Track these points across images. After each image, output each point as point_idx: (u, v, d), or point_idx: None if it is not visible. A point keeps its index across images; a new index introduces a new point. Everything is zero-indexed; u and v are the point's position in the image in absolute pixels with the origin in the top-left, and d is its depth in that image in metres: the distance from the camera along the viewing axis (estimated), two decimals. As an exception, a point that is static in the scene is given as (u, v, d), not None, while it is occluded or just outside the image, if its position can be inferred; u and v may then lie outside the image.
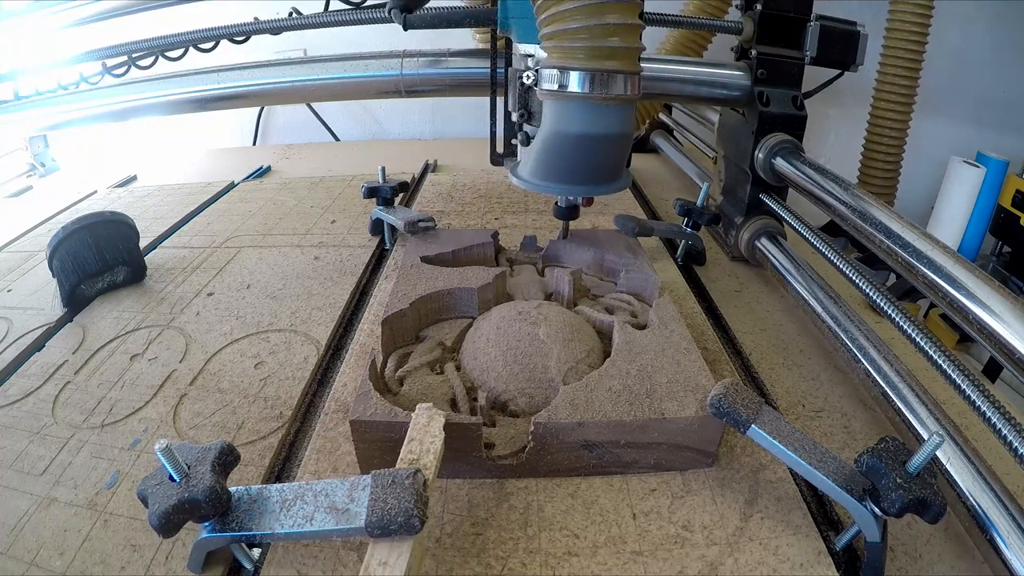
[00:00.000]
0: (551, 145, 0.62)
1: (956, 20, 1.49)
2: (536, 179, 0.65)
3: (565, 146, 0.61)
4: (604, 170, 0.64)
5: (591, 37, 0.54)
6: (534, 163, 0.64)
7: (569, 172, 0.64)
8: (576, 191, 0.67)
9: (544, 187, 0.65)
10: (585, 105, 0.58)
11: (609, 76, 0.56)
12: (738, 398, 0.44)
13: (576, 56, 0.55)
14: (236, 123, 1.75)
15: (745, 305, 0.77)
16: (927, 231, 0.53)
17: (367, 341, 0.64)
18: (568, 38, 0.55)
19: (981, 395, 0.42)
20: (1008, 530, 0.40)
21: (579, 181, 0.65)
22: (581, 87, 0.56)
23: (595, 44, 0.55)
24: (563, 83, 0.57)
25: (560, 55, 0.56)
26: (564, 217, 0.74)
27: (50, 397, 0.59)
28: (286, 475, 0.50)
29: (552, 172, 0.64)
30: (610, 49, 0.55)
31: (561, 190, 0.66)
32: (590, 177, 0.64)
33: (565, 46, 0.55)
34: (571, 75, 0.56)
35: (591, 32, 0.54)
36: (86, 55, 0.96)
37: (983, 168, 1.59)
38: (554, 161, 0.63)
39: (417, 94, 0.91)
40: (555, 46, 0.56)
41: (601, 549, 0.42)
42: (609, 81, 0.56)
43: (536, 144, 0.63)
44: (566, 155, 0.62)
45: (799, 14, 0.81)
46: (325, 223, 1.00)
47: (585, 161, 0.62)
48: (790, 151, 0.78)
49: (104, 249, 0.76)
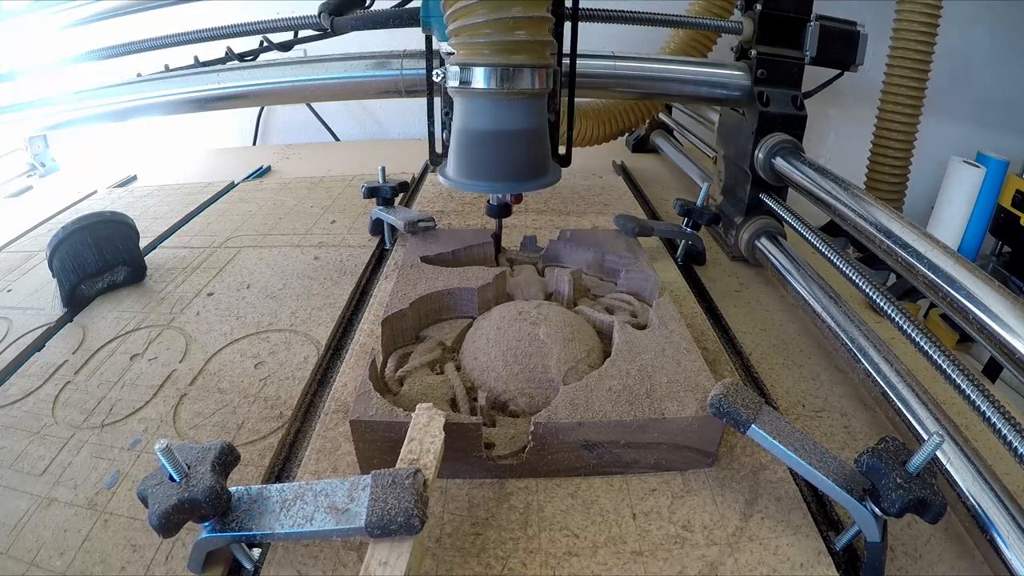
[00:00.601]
0: (462, 141, 0.61)
1: (957, 20, 1.48)
2: (459, 177, 0.64)
3: (476, 142, 0.60)
4: (522, 166, 0.62)
5: (496, 32, 0.54)
6: (453, 160, 0.64)
7: (487, 168, 0.62)
8: (498, 188, 0.65)
9: (466, 185, 0.64)
10: (490, 101, 0.57)
11: (515, 71, 0.55)
12: (738, 398, 0.44)
13: (482, 52, 0.55)
14: (236, 123, 1.75)
15: (745, 305, 0.77)
16: (927, 231, 0.53)
17: (367, 341, 0.64)
18: (473, 34, 0.54)
19: (981, 395, 0.42)
20: (1008, 530, 0.40)
21: (500, 178, 0.63)
22: (486, 83, 0.56)
23: (500, 39, 0.54)
24: (466, 79, 0.56)
25: (466, 52, 0.56)
26: (497, 215, 0.72)
27: (50, 397, 0.59)
28: (286, 475, 0.50)
29: (471, 169, 0.63)
30: (516, 43, 0.54)
31: (483, 187, 0.64)
32: (509, 173, 0.63)
33: (471, 42, 0.55)
34: (474, 71, 0.56)
35: (495, 27, 0.53)
36: (86, 55, 0.96)
37: (983, 168, 1.59)
38: (470, 158, 0.62)
39: (417, 94, 0.91)
40: (461, 42, 0.56)
41: (601, 549, 0.42)
42: (514, 75, 0.55)
43: (452, 140, 0.63)
44: (479, 151, 0.61)
45: (799, 14, 0.81)
46: (325, 223, 1.00)
47: (499, 157, 0.61)
48: (790, 151, 0.78)
49: (104, 249, 0.76)
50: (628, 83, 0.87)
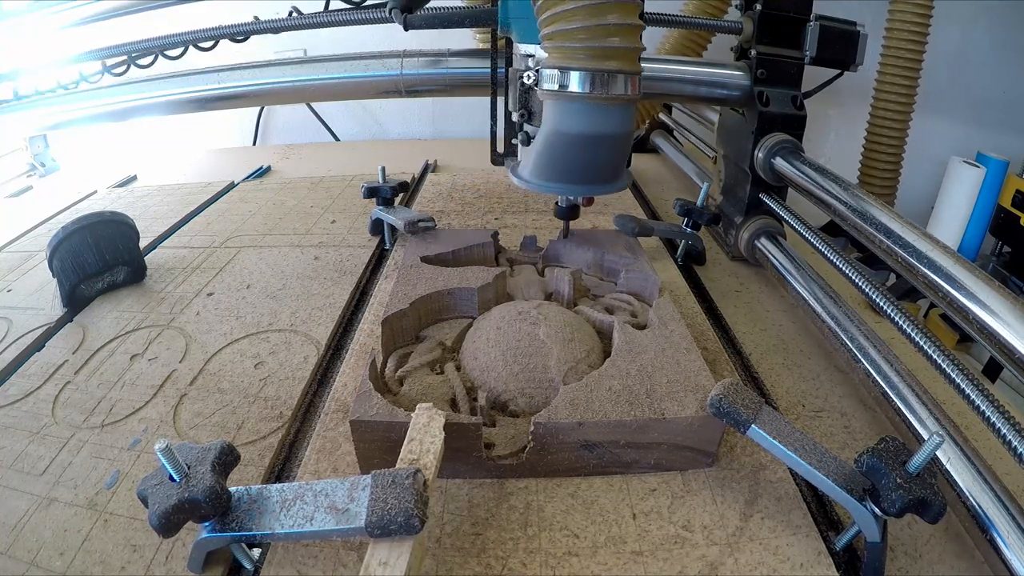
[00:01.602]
0: (552, 145, 0.62)
1: (956, 20, 1.49)
2: (537, 179, 0.65)
3: (566, 146, 0.61)
4: (604, 170, 0.64)
5: (591, 37, 0.54)
6: (534, 163, 0.65)
7: (569, 172, 0.64)
8: (577, 191, 0.67)
9: (545, 187, 0.65)
10: (585, 105, 0.58)
11: (610, 76, 0.56)
12: (738, 398, 0.44)
13: (576, 56, 0.56)
14: (236, 123, 1.75)
15: (745, 305, 0.77)
16: (927, 231, 0.53)
17: (367, 341, 0.64)
18: (568, 38, 0.55)
19: (981, 395, 0.42)
20: (1008, 530, 0.40)
21: (579, 181, 0.65)
22: (581, 87, 0.56)
23: (595, 44, 0.55)
24: (564, 83, 0.57)
25: (561, 55, 0.56)
26: (565, 217, 0.74)
27: (50, 397, 0.59)
28: (286, 475, 0.50)
29: (553, 172, 0.64)
30: (610, 49, 0.55)
31: (562, 190, 0.66)
32: (590, 177, 0.65)
33: (566, 46, 0.56)
34: (571, 75, 0.56)
35: (591, 32, 0.54)
36: (86, 55, 0.96)
37: (983, 168, 1.59)
38: (555, 161, 0.63)
39: (417, 94, 0.91)
40: (555, 46, 0.56)
41: (601, 549, 0.42)
42: (609, 81, 0.56)
43: (537, 144, 0.64)
44: (567, 155, 0.62)
45: (799, 14, 0.81)
46: (325, 223, 1.00)
47: (585, 161, 0.63)
48: (790, 151, 0.78)
49: (104, 249, 0.76)
50: (628, 83, 0.87)
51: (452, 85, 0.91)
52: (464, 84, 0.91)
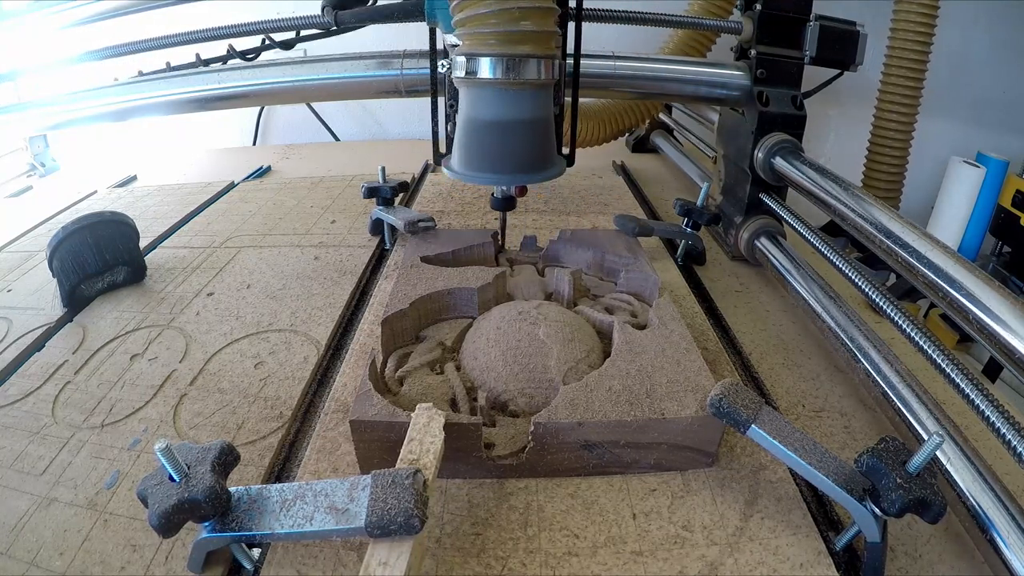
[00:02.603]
0: (468, 132, 0.61)
1: (956, 21, 1.49)
2: (464, 169, 0.64)
3: (481, 133, 0.60)
4: (527, 157, 0.62)
5: (501, 22, 0.54)
6: (458, 152, 0.64)
7: (491, 160, 0.62)
8: (503, 180, 0.65)
9: (471, 177, 0.63)
10: (497, 91, 0.57)
11: (521, 60, 0.55)
12: (738, 398, 0.44)
13: (487, 42, 0.55)
14: (236, 123, 1.75)
15: (745, 305, 0.77)
16: (927, 231, 0.53)
17: (367, 341, 0.64)
18: (478, 24, 0.54)
19: (981, 395, 0.42)
20: (1008, 530, 0.40)
21: (505, 169, 0.63)
22: (492, 73, 0.56)
23: (506, 29, 0.54)
24: (472, 69, 0.56)
25: (473, 41, 0.56)
26: (500, 208, 0.72)
27: (50, 397, 0.59)
28: (286, 475, 0.50)
29: (476, 161, 0.62)
30: (521, 33, 0.54)
31: (488, 180, 0.64)
32: (514, 165, 0.62)
33: (476, 32, 0.55)
34: (480, 61, 0.56)
35: (501, 17, 0.54)
36: (86, 55, 0.96)
37: (983, 168, 1.60)
38: (474, 149, 0.62)
39: (417, 94, 0.91)
40: (467, 32, 0.56)
41: (601, 549, 0.42)
42: (520, 66, 0.55)
43: (457, 132, 0.63)
44: (484, 142, 0.61)
45: (798, 14, 0.81)
46: (325, 223, 1.00)
47: (506, 148, 0.61)
48: (789, 151, 0.78)
49: (104, 249, 0.76)
50: (628, 83, 0.87)
51: (452, 85, 0.91)
52: (464, 84, 0.90)
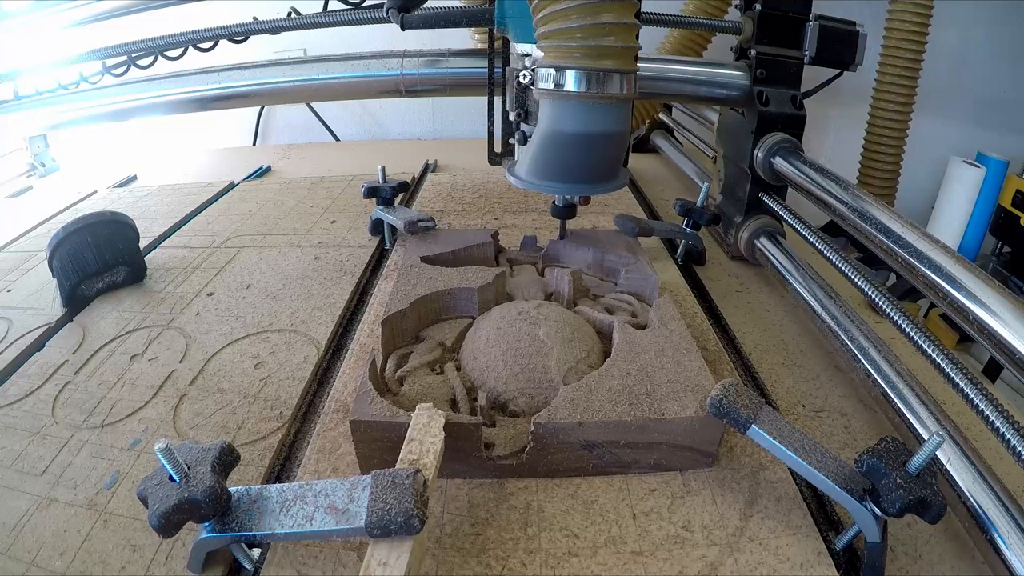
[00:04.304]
0: (548, 144, 0.62)
1: (955, 20, 1.49)
2: (533, 178, 0.65)
3: (562, 145, 0.61)
4: (601, 169, 0.64)
5: (587, 36, 0.54)
6: (531, 162, 0.64)
7: (566, 171, 0.64)
8: (573, 190, 0.66)
9: (541, 186, 0.65)
10: (581, 104, 0.58)
11: (605, 75, 0.56)
12: (738, 398, 0.44)
13: (572, 55, 0.55)
14: (236, 123, 1.75)
15: (745, 305, 0.77)
16: (927, 231, 0.53)
17: (367, 341, 0.64)
18: (564, 37, 0.55)
19: (981, 395, 0.42)
20: (1008, 530, 0.40)
21: (576, 180, 0.65)
22: (577, 86, 0.56)
23: (591, 43, 0.55)
24: (559, 82, 0.57)
25: (557, 54, 0.56)
26: (562, 216, 0.74)
27: (50, 397, 0.59)
28: (286, 475, 0.50)
29: (549, 171, 0.64)
30: (606, 48, 0.55)
31: (558, 189, 0.66)
32: (587, 176, 0.64)
33: (561, 45, 0.55)
34: (567, 74, 0.56)
35: (587, 31, 0.54)
36: (86, 55, 0.96)
37: (983, 168, 1.59)
38: (551, 160, 0.63)
39: (417, 94, 0.91)
40: (551, 45, 0.56)
41: (601, 549, 0.42)
42: (605, 80, 0.56)
43: (533, 143, 0.63)
44: (563, 154, 0.62)
45: (798, 14, 0.81)
46: (325, 223, 1.00)
47: (582, 160, 0.62)
48: (789, 150, 0.78)
49: (104, 249, 0.76)
50: (628, 83, 0.87)
51: (452, 85, 0.91)
52: (464, 84, 0.91)
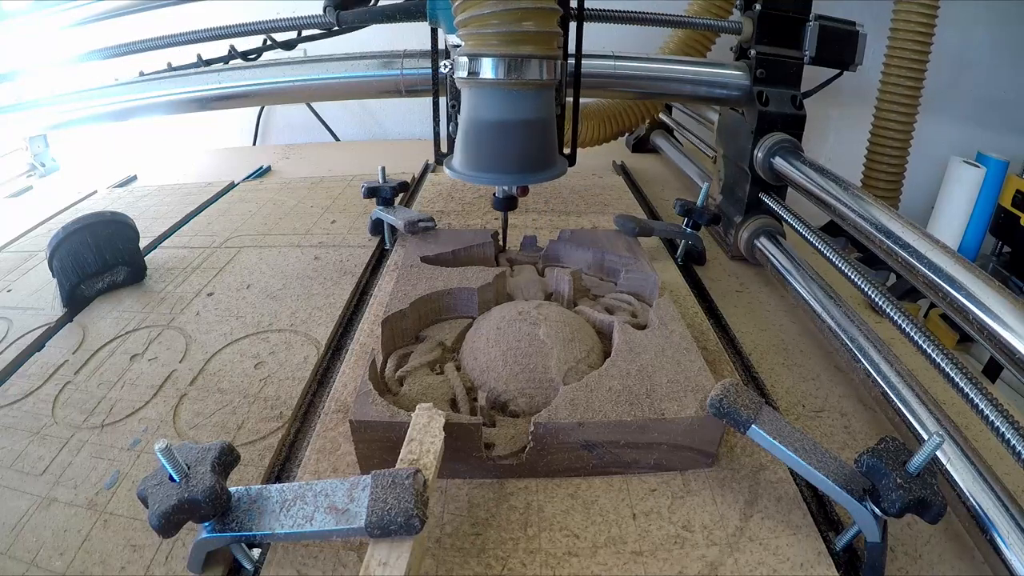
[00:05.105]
0: (470, 132, 0.61)
1: (956, 21, 1.49)
2: (465, 169, 0.64)
3: (483, 133, 0.60)
4: (529, 157, 0.62)
5: (503, 22, 0.54)
6: (460, 152, 0.64)
7: (494, 160, 0.62)
8: (504, 180, 0.65)
9: (473, 177, 0.64)
10: (499, 91, 0.57)
11: (523, 61, 0.55)
12: (738, 398, 0.44)
13: (490, 42, 0.55)
14: (236, 123, 1.75)
15: (745, 305, 0.77)
16: (927, 231, 0.53)
17: (367, 341, 0.64)
18: (481, 24, 0.54)
19: (981, 395, 0.42)
20: (1008, 530, 0.40)
21: (507, 169, 0.63)
22: (494, 73, 0.56)
23: (508, 29, 0.54)
24: (475, 70, 0.56)
25: (475, 42, 0.56)
26: (502, 208, 0.72)
27: (50, 397, 0.59)
28: (286, 475, 0.50)
29: (478, 161, 0.63)
30: (523, 34, 0.54)
31: (490, 180, 0.64)
32: (516, 165, 0.62)
33: (479, 32, 0.55)
34: (483, 61, 0.56)
35: (503, 17, 0.54)
36: (88, 55, 0.96)
37: (983, 168, 1.59)
38: (477, 149, 0.62)
39: (417, 94, 0.91)
40: (470, 33, 0.56)
41: (601, 549, 0.42)
42: (523, 66, 0.56)
43: (459, 133, 0.63)
44: (486, 142, 0.61)
45: (798, 14, 0.81)
46: (325, 223, 1.00)
47: (508, 148, 0.61)
48: (789, 150, 0.78)
49: (104, 249, 0.76)
50: (628, 83, 0.87)
51: (452, 85, 0.91)
52: (464, 84, 0.90)
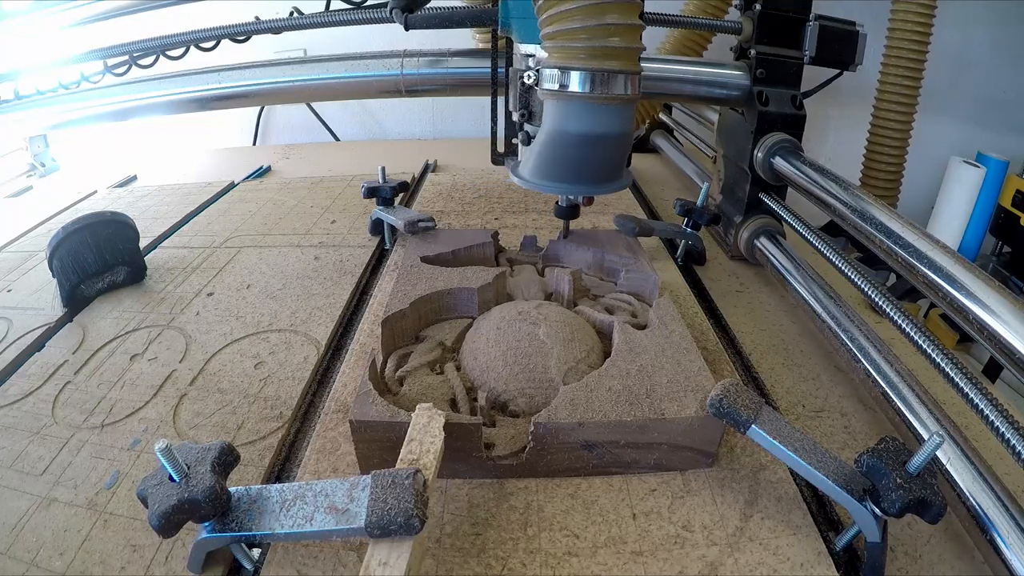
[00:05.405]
0: (552, 144, 0.62)
1: (956, 20, 1.49)
2: (537, 178, 0.65)
3: (566, 145, 0.61)
4: (605, 169, 0.64)
5: (591, 37, 0.55)
6: (535, 162, 0.65)
7: (570, 171, 0.64)
8: (577, 190, 0.67)
9: (545, 186, 0.65)
10: (585, 105, 0.58)
11: (610, 76, 0.56)
12: (738, 398, 0.44)
13: (577, 56, 0.56)
14: (236, 123, 1.75)
15: (745, 305, 0.77)
16: (927, 231, 0.53)
17: (367, 341, 0.64)
18: (569, 38, 0.55)
19: (981, 395, 0.42)
20: (1008, 530, 0.40)
21: (580, 180, 0.65)
22: (582, 87, 0.56)
23: (596, 44, 0.55)
24: (564, 83, 0.57)
25: (561, 55, 0.56)
26: (565, 216, 0.74)
27: (50, 397, 0.59)
28: (286, 475, 0.50)
29: (553, 171, 0.64)
30: (611, 49, 0.55)
31: (562, 189, 0.66)
32: (590, 176, 0.65)
33: (566, 46, 0.56)
34: (572, 75, 0.56)
35: (592, 32, 0.54)
36: (87, 55, 0.96)
37: (983, 168, 1.59)
38: (555, 160, 0.63)
39: (417, 94, 0.91)
40: (556, 46, 0.56)
41: (601, 549, 0.42)
42: (610, 81, 0.56)
43: (537, 143, 0.64)
44: (567, 155, 0.62)
45: (798, 14, 0.81)
46: (325, 223, 1.00)
47: (586, 160, 0.63)
48: (789, 150, 0.78)
49: (104, 249, 0.76)
50: (628, 83, 0.87)
51: (453, 85, 0.91)
52: (464, 84, 0.91)
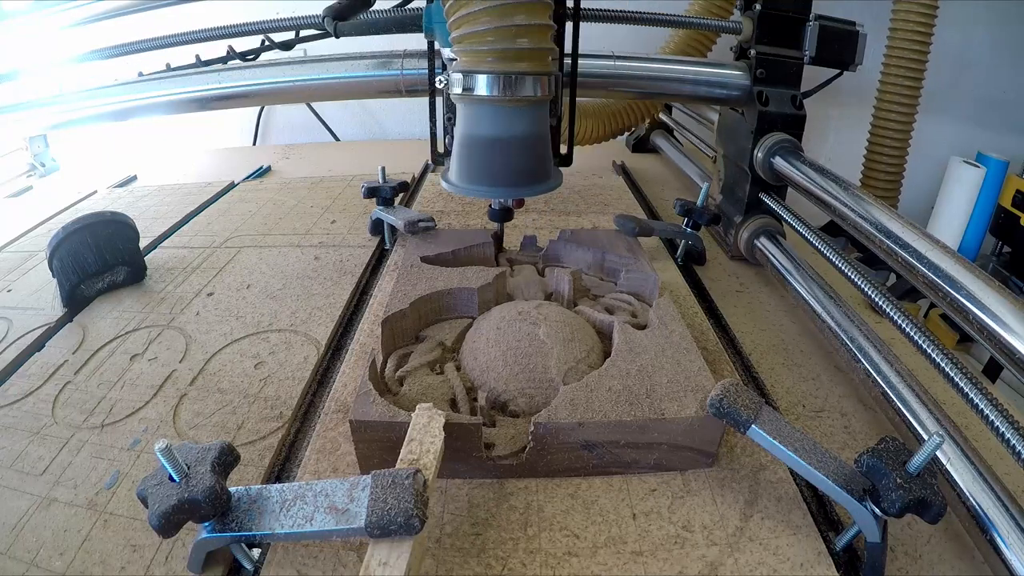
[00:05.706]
0: (467, 148, 0.62)
1: (957, 20, 1.49)
2: (461, 182, 0.64)
3: (478, 148, 0.61)
4: (524, 171, 0.63)
5: (498, 39, 0.54)
6: (456, 166, 0.64)
7: (489, 174, 0.63)
8: (500, 193, 0.66)
9: (468, 190, 0.64)
10: (493, 107, 0.57)
11: (517, 78, 0.55)
12: (738, 398, 0.44)
13: (484, 59, 0.55)
14: (236, 123, 1.75)
15: (745, 305, 0.77)
16: (927, 231, 0.53)
17: (367, 341, 0.64)
18: (476, 41, 0.55)
19: (981, 395, 0.42)
20: (1008, 530, 0.40)
21: (500, 183, 0.63)
22: (489, 90, 0.56)
23: (503, 46, 0.54)
24: (469, 86, 0.57)
25: (469, 58, 0.56)
26: (498, 219, 0.73)
27: (50, 397, 0.59)
28: (286, 475, 0.50)
29: (473, 174, 0.63)
30: (518, 51, 0.55)
31: (485, 192, 0.65)
32: (510, 179, 0.63)
33: (474, 49, 0.55)
34: (477, 78, 0.56)
35: (498, 34, 0.54)
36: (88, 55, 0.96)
37: (983, 168, 1.59)
38: (472, 163, 0.62)
39: (417, 94, 0.91)
40: (464, 49, 0.56)
41: (601, 549, 0.42)
42: (516, 83, 0.56)
43: (455, 147, 0.64)
44: (481, 157, 0.61)
45: (798, 14, 0.81)
46: (325, 223, 1.00)
47: (501, 163, 0.62)
48: (789, 150, 0.78)
49: (104, 249, 0.76)
50: (628, 83, 0.87)
51: (452, 85, 0.91)
52: (464, 84, 0.90)
